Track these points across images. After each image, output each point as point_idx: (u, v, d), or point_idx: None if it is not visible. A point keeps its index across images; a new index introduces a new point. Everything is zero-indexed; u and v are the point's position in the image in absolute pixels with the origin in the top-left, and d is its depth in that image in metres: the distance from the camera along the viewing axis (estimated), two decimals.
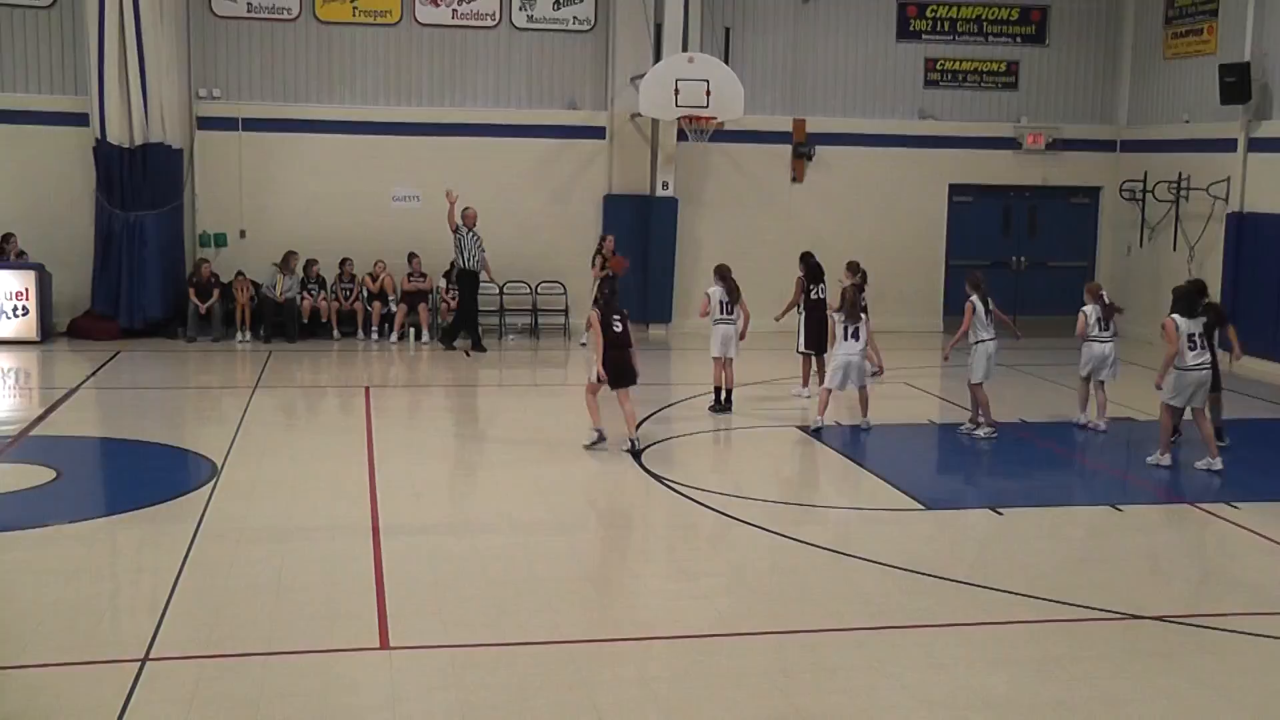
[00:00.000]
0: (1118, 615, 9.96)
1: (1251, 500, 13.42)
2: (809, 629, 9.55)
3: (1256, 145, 22.07)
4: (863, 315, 16.30)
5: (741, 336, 17.31)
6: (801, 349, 18.28)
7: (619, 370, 14.81)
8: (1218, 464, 14.53)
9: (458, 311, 22.47)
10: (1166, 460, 14.68)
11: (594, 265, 22.08)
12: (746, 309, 17.29)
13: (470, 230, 21.90)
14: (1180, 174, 23.93)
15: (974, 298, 16.22)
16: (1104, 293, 17.06)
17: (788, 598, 10.32)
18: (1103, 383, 16.81)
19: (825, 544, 11.60)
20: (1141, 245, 25.19)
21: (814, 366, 18.13)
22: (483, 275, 22.53)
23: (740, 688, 8.48)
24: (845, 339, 16.23)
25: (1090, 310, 16.76)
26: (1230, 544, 12.27)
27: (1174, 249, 24.12)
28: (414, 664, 8.73)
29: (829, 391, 16.35)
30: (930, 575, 10.79)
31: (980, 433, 16.26)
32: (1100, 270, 26.20)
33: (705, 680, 8.59)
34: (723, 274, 17.34)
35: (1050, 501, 13.51)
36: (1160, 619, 9.91)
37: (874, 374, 16.47)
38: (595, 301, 15.37)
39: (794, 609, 10.03)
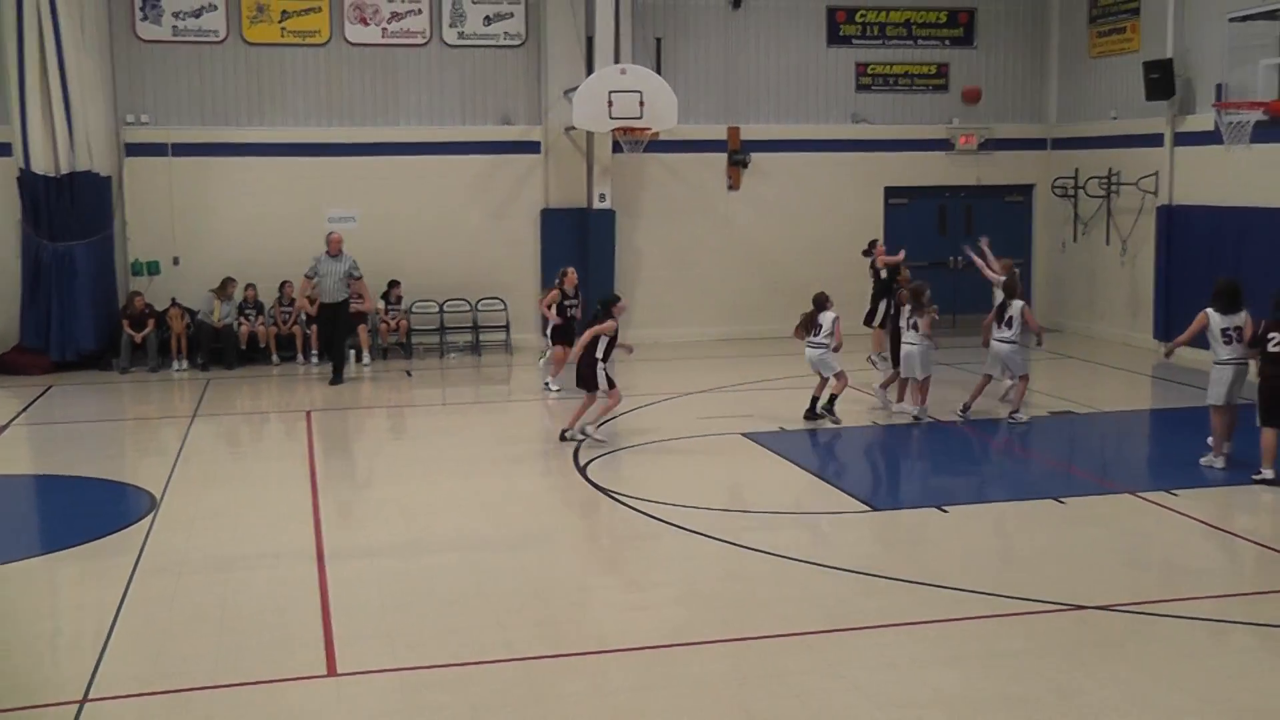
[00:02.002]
0: (1065, 606, 10.02)
1: (1189, 487, 13.57)
2: (762, 635, 9.52)
3: (1182, 139, 22.31)
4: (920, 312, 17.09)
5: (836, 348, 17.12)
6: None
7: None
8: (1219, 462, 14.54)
9: (330, 345, 21.44)
10: (1220, 462, 14.30)
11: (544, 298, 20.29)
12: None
13: (334, 257, 20.69)
14: (1110, 169, 24.17)
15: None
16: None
17: (740, 605, 10.30)
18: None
19: (774, 549, 11.59)
20: (1075, 240, 25.42)
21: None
22: (357, 303, 21.71)
23: (697, 696, 8.45)
24: (906, 330, 17.13)
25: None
26: (1171, 530, 12.36)
27: (1107, 243, 24.35)
28: (364, 690, 8.65)
29: (898, 378, 17.57)
30: (880, 576, 10.80)
31: (960, 414, 17.20)
32: (1036, 267, 26.40)
33: (662, 691, 8.56)
34: (819, 302, 17.26)
35: (994, 497, 13.59)
36: (1106, 608, 9.97)
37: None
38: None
39: (747, 616, 10.00)
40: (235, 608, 10.22)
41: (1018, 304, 17.19)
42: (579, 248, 23.97)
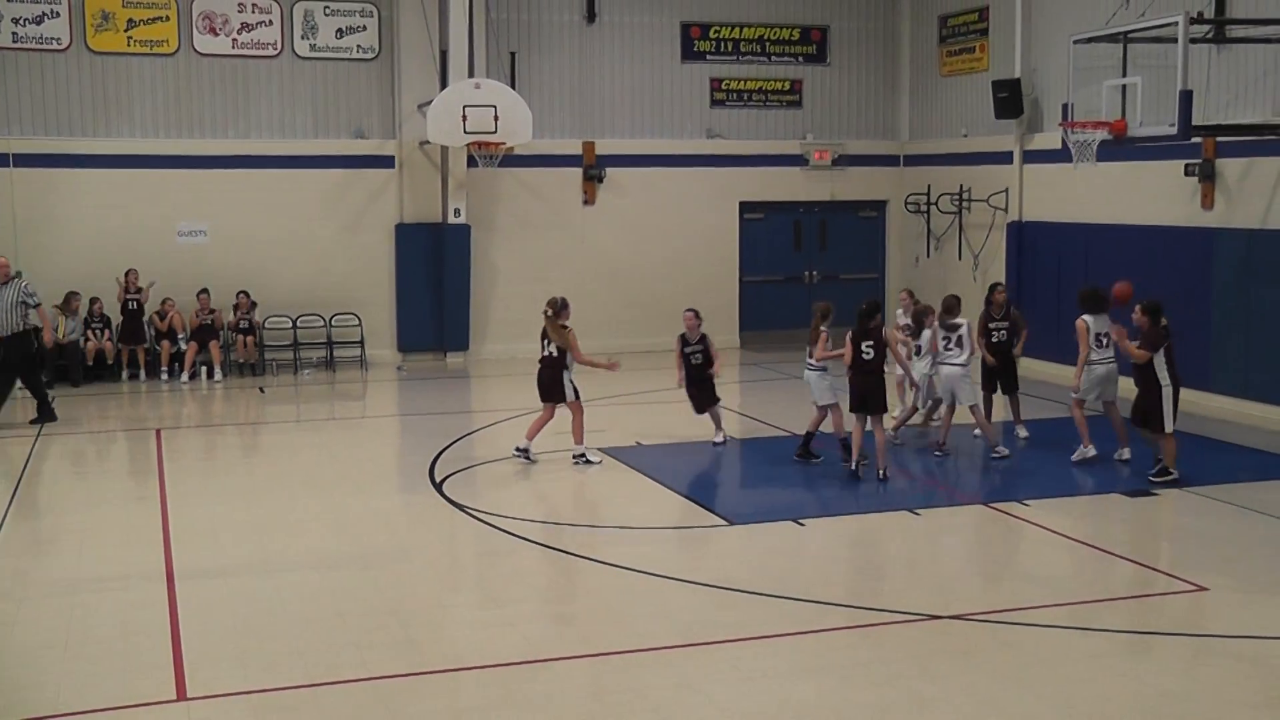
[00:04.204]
0: (920, 617, 10.15)
1: (1040, 497, 13.83)
2: (619, 650, 9.51)
3: (1031, 157, 22.83)
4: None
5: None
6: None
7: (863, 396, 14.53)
8: (1126, 453, 15.18)
9: (30, 389, 18.79)
10: (1092, 451, 15.02)
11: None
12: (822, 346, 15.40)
13: (2, 284, 18.13)
14: (961, 186, 24.63)
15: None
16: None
17: (597, 620, 10.29)
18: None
19: (632, 564, 11.59)
20: (929, 255, 25.85)
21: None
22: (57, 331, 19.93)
23: (552, 714, 8.41)
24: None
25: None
26: (1023, 540, 12.60)
27: (959, 258, 24.79)
28: (214, 713, 8.47)
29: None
30: (737, 590, 10.85)
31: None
32: (890, 281, 26.79)
33: (517, 709, 8.50)
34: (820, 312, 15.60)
35: (850, 510, 13.70)
36: (960, 617, 10.12)
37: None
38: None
39: (603, 631, 9.99)
40: (82, 632, 9.95)
41: (964, 321, 15.80)
42: (434, 262, 23.85)
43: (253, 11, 23.26)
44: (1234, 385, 18.35)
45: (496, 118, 21.87)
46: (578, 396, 15.70)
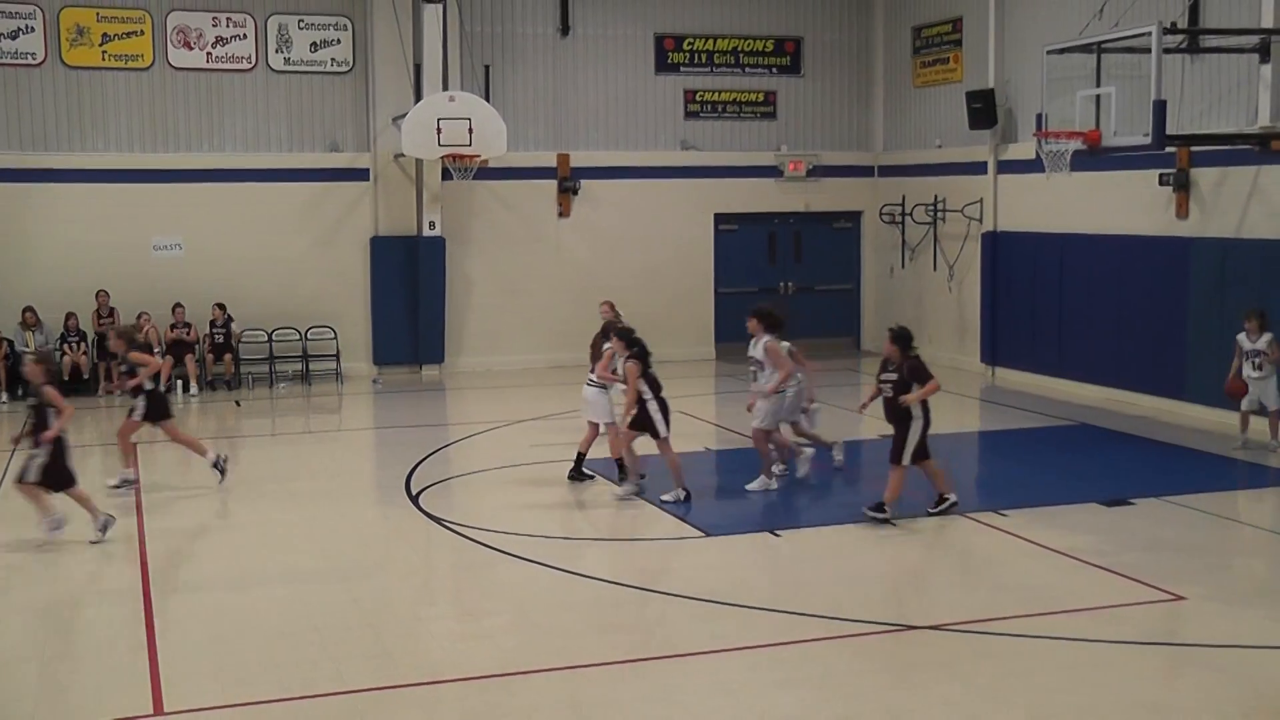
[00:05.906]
0: (897, 627, 10.16)
1: (1017, 507, 13.85)
2: (596, 662, 9.51)
3: (1005, 167, 22.91)
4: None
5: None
6: None
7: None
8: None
9: None
10: (774, 484, 14.77)
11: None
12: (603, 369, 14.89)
13: None
14: (936, 196, 24.69)
15: None
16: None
17: (574, 632, 10.27)
18: None
19: (609, 577, 11.59)
20: (904, 266, 25.91)
21: None
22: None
23: None
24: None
25: None
26: (1000, 550, 12.61)
27: (934, 269, 24.85)
28: None
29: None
30: (714, 601, 10.85)
31: None
32: (865, 292, 26.87)
33: None
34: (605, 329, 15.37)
35: (825, 521, 13.69)
36: (936, 628, 10.13)
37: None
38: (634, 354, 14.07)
39: (580, 643, 9.98)
40: (59, 646, 9.93)
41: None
42: (409, 275, 23.82)
43: (227, 25, 23.21)
44: (1209, 394, 18.40)
45: (471, 130, 21.89)
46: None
